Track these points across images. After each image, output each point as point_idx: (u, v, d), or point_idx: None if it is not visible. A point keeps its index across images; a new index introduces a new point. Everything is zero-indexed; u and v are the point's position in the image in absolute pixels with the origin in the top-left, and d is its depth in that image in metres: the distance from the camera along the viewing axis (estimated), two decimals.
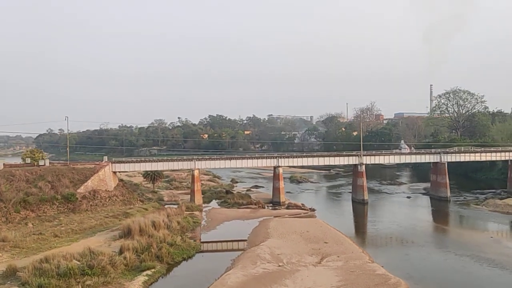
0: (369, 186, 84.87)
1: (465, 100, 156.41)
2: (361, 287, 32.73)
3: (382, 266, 37.86)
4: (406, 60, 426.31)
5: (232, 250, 47.02)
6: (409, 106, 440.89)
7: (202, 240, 50.43)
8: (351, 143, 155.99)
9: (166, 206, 74.62)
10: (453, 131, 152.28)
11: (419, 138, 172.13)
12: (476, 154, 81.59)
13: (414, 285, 33.44)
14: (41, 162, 72.38)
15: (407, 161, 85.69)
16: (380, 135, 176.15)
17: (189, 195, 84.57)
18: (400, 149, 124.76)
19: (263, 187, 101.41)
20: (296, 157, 78.79)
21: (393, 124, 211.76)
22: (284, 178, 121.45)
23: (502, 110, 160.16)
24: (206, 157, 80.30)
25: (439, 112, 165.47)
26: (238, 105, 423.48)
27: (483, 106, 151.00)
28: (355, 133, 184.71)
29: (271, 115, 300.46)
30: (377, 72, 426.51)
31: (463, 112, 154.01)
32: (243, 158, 78.64)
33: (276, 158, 76.96)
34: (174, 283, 36.08)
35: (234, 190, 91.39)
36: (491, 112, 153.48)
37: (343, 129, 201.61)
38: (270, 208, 70.79)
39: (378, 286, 32.84)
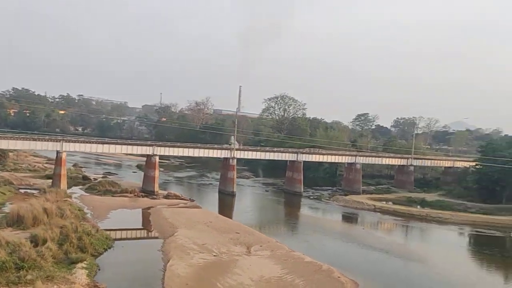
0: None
1: (289, 105, 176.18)
2: (303, 274, 36.16)
3: (303, 253, 42.07)
4: (226, 57, 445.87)
5: (146, 238, 45.63)
6: (227, 104, 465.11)
7: (104, 229, 46.63)
8: (186, 135, 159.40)
9: (22, 190, 65.52)
10: (278, 132, 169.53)
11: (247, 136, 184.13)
12: (325, 156, 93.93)
13: (342, 271, 38.37)
14: None
15: (266, 158, 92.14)
16: (215, 129, 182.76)
17: (41, 179, 76.25)
18: (230, 145, 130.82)
19: (116, 174, 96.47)
20: (173, 147, 77.54)
21: (222, 119, 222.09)
22: (129, 166, 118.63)
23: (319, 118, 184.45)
24: (74, 139, 72.60)
25: (268, 114, 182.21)
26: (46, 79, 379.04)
27: (303, 113, 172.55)
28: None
29: (82, 95, 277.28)
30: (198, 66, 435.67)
31: (287, 116, 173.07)
32: (116, 144, 73.88)
33: (152, 146, 74.61)
34: (121, 276, 33.43)
35: (90, 177, 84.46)
36: (310, 118, 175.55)
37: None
38: (149, 197, 68.52)
39: (317, 273, 36.90)
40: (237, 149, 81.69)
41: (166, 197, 69.45)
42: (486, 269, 46.98)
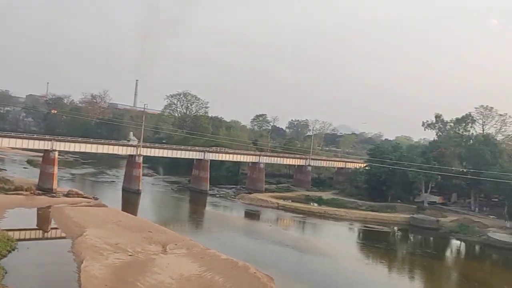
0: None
1: (192, 103, 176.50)
2: (221, 271, 37.41)
3: (218, 251, 43.37)
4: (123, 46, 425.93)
5: (52, 238, 43.50)
6: (123, 98, 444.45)
7: (3, 229, 43.19)
8: (79, 129, 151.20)
9: None
10: (180, 129, 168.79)
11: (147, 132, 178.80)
12: (232, 155, 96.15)
13: (257, 266, 40.34)
14: None
15: (174, 156, 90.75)
16: (111, 124, 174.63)
17: None
18: (128, 141, 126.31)
19: (4, 169, 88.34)
20: (75, 142, 73.37)
21: (120, 114, 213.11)
22: (17, 161, 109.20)
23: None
24: None
25: (170, 110, 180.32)
26: None
27: (205, 111, 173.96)
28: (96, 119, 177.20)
29: None
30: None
31: (189, 113, 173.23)
32: (10, 137, 67.89)
33: (51, 141, 69.94)
34: (32, 278, 31.57)
35: None
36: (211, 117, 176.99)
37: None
38: (47, 195, 64.22)
39: (234, 269, 38.42)
40: (143, 146, 79.98)
41: (67, 195, 65.60)
42: (374, 259, 52.79)
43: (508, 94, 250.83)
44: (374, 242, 60.40)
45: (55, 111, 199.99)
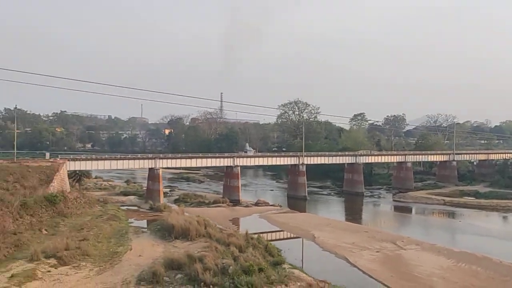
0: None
1: (303, 110, 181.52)
2: (470, 261, 40.65)
3: (446, 246, 46.71)
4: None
5: (286, 239, 51.40)
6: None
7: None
8: (200, 145, 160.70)
9: (125, 208, 68.36)
10: (294, 137, 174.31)
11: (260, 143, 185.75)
12: (379, 157, 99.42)
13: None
14: None
15: (329, 162, 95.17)
16: (230, 137, 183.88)
17: (116, 196, 76.92)
18: (245, 152, 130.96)
19: (176, 186, 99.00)
20: (252, 157, 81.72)
21: (229, 128, 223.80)
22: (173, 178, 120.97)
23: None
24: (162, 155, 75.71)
25: (283, 120, 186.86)
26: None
27: (315, 117, 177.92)
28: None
29: (65, 111, 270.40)
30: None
31: (302, 120, 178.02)
32: (202, 158, 77.49)
33: (233, 158, 78.42)
34: (320, 269, 37.37)
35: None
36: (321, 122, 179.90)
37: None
38: (240, 206, 72.11)
39: (479, 260, 41.37)
40: (305, 156, 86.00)
41: (256, 204, 73.15)
42: None
43: None
44: None
45: (167, 131, 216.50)
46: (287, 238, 52.37)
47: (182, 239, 45.27)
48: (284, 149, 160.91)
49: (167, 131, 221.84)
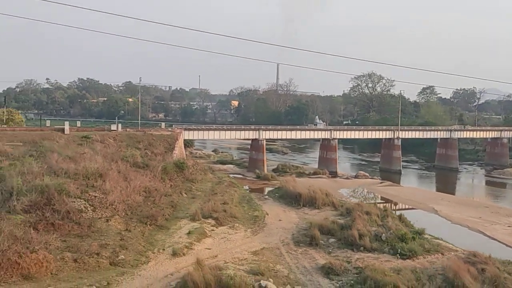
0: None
1: (376, 82, 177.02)
2: None
3: None
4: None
5: (403, 209, 52.27)
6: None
7: None
8: (270, 117, 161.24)
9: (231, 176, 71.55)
10: (367, 110, 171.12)
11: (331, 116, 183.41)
12: (472, 132, 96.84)
13: None
14: None
15: (422, 137, 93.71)
16: (300, 110, 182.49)
17: (214, 165, 79.34)
18: (315, 125, 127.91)
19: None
20: (348, 130, 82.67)
21: (298, 100, 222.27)
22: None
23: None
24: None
25: (356, 92, 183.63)
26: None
27: (388, 90, 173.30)
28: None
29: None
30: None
31: (375, 93, 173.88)
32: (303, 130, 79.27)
33: (330, 131, 79.55)
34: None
35: None
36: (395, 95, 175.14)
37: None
38: (340, 178, 73.47)
39: None
40: (401, 130, 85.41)
41: (356, 177, 74.15)
42: None
43: None
44: None
45: (235, 103, 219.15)
46: (405, 209, 53.01)
47: (309, 206, 47.47)
48: (357, 122, 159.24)
49: (234, 103, 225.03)
